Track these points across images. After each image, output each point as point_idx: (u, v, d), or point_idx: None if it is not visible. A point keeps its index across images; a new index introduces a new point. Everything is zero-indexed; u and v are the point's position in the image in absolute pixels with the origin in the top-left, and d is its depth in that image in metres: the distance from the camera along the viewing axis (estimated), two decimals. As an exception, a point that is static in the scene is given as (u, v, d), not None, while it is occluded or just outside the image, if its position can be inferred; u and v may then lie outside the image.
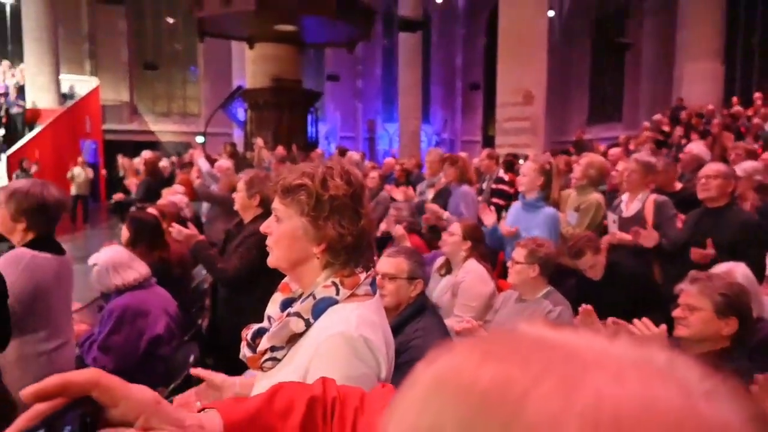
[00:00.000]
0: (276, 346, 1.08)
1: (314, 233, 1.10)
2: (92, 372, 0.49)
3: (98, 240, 10.51)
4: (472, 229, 3.03)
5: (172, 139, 22.80)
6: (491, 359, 0.29)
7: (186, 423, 0.55)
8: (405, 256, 1.99)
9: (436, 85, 27.15)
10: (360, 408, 0.72)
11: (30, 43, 15.20)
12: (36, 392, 0.45)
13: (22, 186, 1.98)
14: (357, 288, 1.10)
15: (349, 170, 1.13)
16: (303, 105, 11.29)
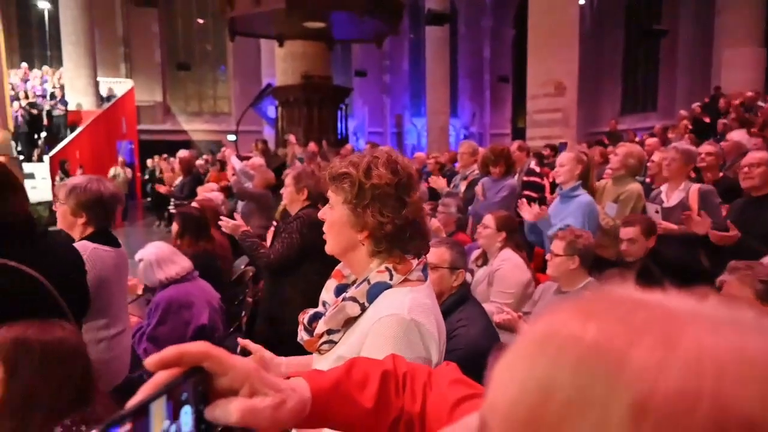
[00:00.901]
0: (332, 329, 1.13)
1: (355, 221, 1.13)
2: (203, 344, 0.53)
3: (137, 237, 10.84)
4: (505, 220, 3.03)
5: (204, 138, 23.28)
6: (594, 316, 0.31)
7: (281, 387, 0.59)
8: (447, 246, 2.02)
9: (464, 78, 26.94)
10: (428, 383, 0.75)
11: (68, 47, 15.72)
12: (157, 361, 0.50)
13: (80, 182, 2.09)
14: (410, 273, 1.13)
15: (396, 159, 1.15)
16: (333, 101, 11.38)
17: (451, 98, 22.39)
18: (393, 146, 18.04)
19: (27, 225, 1.70)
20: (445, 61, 20.33)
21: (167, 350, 0.50)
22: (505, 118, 27.65)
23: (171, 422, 0.45)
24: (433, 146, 18.63)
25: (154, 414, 0.43)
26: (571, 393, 0.29)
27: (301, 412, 0.62)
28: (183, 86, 24.52)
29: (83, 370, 1.23)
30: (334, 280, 1.26)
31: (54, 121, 13.38)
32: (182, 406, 0.47)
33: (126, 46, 22.51)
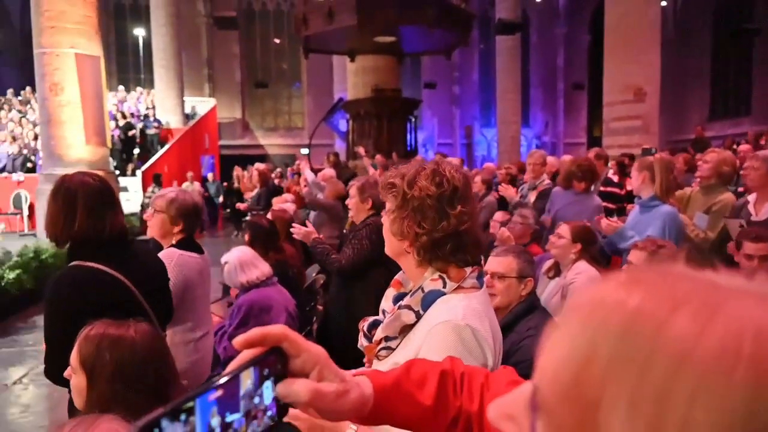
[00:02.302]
0: (390, 336, 1.16)
1: (396, 230, 1.18)
2: (282, 327, 0.58)
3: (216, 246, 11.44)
4: (582, 230, 2.91)
5: (279, 152, 24.26)
6: (639, 286, 0.32)
7: (346, 378, 0.63)
8: (514, 255, 1.99)
9: (536, 87, 26.32)
10: (486, 384, 0.75)
11: (159, 70, 17.00)
12: (244, 340, 0.55)
13: (178, 193, 2.28)
14: (463, 281, 1.15)
15: (443, 172, 1.16)
16: (402, 113, 11.49)
17: (523, 108, 21.92)
18: (463, 157, 17.88)
19: (121, 238, 1.83)
20: (516, 71, 19.97)
21: (252, 331, 0.56)
22: (580, 126, 26.67)
23: (255, 393, 0.51)
24: (503, 157, 18.29)
25: (242, 384, 0.49)
26: (613, 354, 0.30)
27: (363, 406, 0.64)
28: (260, 103, 25.75)
29: (157, 370, 1.28)
30: (392, 289, 1.30)
31: (146, 139, 14.47)
32: (264, 380, 0.53)
33: (210, 68, 24.00)
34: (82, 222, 1.69)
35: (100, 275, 1.69)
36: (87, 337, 1.27)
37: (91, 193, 1.71)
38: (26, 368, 4.55)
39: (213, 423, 0.45)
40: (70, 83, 8.33)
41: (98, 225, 1.70)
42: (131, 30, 23.13)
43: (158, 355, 1.32)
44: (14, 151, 12.06)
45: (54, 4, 8.16)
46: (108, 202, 1.76)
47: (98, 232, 1.70)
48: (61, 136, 8.46)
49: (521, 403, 0.37)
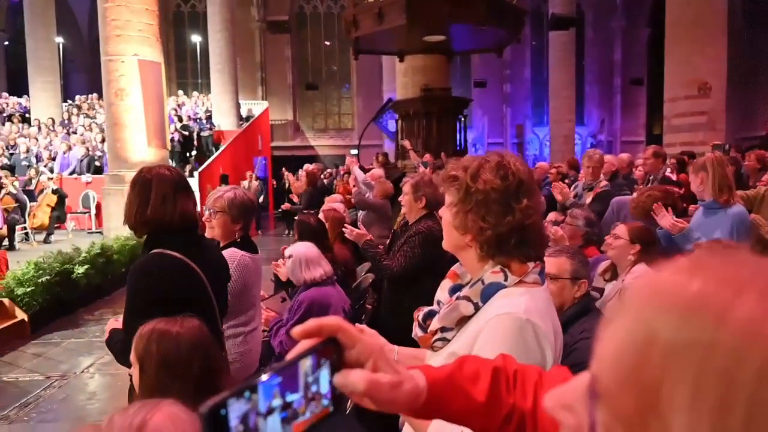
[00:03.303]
0: (446, 327, 1.14)
1: (459, 224, 1.14)
2: (338, 318, 0.60)
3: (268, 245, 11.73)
4: (640, 231, 2.79)
5: (329, 153, 24.63)
6: (700, 271, 0.32)
7: (400, 370, 0.63)
8: (567, 256, 1.92)
9: (592, 83, 25.47)
10: (540, 382, 0.74)
11: (215, 75, 17.62)
12: (302, 331, 0.58)
13: (236, 193, 2.32)
14: (525, 276, 1.11)
15: (508, 164, 1.13)
16: (452, 113, 11.39)
17: (577, 105, 21.28)
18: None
19: (192, 227, 1.90)
20: (570, 67, 19.42)
21: (309, 321, 0.58)
22: (639, 123, 25.60)
23: (312, 380, 0.53)
24: (556, 156, 17.83)
25: (301, 371, 0.52)
26: (675, 337, 0.30)
27: (417, 397, 0.65)
28: (311, 105, 26.23)
29: (203, 362, 1.34)
30: (448, 280, 1.27)
31: (203, 141, 15.03)
32: (321, 369, 0.55)
33: (263, 71, 24.67)
34: (155, 207, 1.76)
35: (180, 265, 1.76)
36: (140, 334, 1.37)
37: (164, 181, 1.79)
38: (93, 358, 4.82)
39: (274, 402, 0.48)
40: (133, 88, 8.78)
41: (170, 210, 1.77)
42: (189, 37, 24.10)
43: (204, 348, 1.37)
44: (83, 154, 12.82)
45: (119, 13, 8.62)
46: (181, 190, 1.82)
47: (170, 217, 1.77)
48: (125, 139, 8.93)
49: (579, 393, 0.37)
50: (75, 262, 6.34)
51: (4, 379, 4.43)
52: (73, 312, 6.22)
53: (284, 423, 0.49)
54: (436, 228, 2.88)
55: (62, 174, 12.11)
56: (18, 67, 19.06)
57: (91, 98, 17.51)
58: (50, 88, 17.43)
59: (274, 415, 0.48)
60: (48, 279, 5.79)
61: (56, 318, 5.92)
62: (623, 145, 23.44)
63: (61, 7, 19.39)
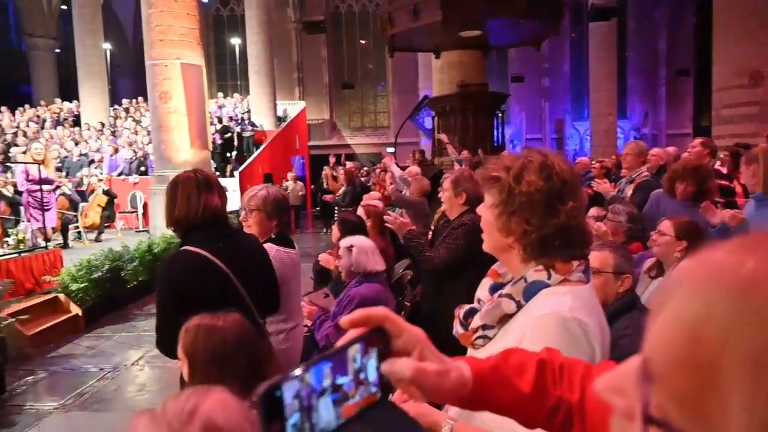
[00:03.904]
0: (487, 325, 1.13)
1: (501, 226, 1.12)
2: (384, 309, 0.62)
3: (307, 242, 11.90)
4: (687, 227, 2.69)
5: (365, 151, 24.75)
6: (754, 252, 0.32)
7: (445, 359, 0.65)
8: (610, 250, 1.89)
9: (634, 76, 24.67)
10: (587, 375, 0.73)
11: (253, 77, 17.97)
12: (350, 321, 0.59)
13: (270, 190, 2.40)
14: (569, 274, 1.09)
15: (552, 164, 1.10)
16: (489, 108, 11.26)
17: (619, 98, 20.66)
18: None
19: (219, 221, 2.01)
20: (611, 59, 18.86)
21: (357, 311, 0.60)
22: (686, 115, 24.63)
23: (360, 368, 0.55)
24: (597, 150, 17.38)
25: (350, 357, 0.54)
26: (732, 313, 0.30)
27: (463, 387, 0.65)
28: (347, 104, 26.42)
29: (247, 351, 1.40)
30: (489, 279, 1.26)
31: (243, 141, 15.37)
32: (368, 358, 0.57)
33: (299, 71, 25.00)
34: (181, 205, 1.94)
35: (201, 259, 1.88)
36: (186, 330, 1.42)
37: (189, 181, 1.97)
38: (142, 351, 5.02)
39: (325, 383, 0.50)
40: (176, 92, 9.06)
41: (194, 207, 1.93)
42: (228, 40, 24.65)
43: (248, 341, 1.42)
44: (130, 156, 13.31)
45: (162, 18, 8.90)
46: (205, 189, 1.97)
47: (195, 213, 1.93)
48: (169, 141, 9.22)
49: (630, 376, 0.37)
50: (124, 259, 6.61)
51: (61, 370, 4.67)
52: (123, 307, 6.49)
53: (335, 404, 0.51)
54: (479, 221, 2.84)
55: (111, 175, 12.62)
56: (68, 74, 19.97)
57: (136, 102, 18.15)
58: (98, 93, 18.18)
59: (325, 396, 0.50)
60: (100, 275, 6.06)
61: (108, 313, 6.19)
62: (669, 139, 22.62)
63: (107, 15, 20.17)
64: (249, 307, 1.94)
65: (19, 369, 4.59)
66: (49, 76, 22.76)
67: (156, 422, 0.79)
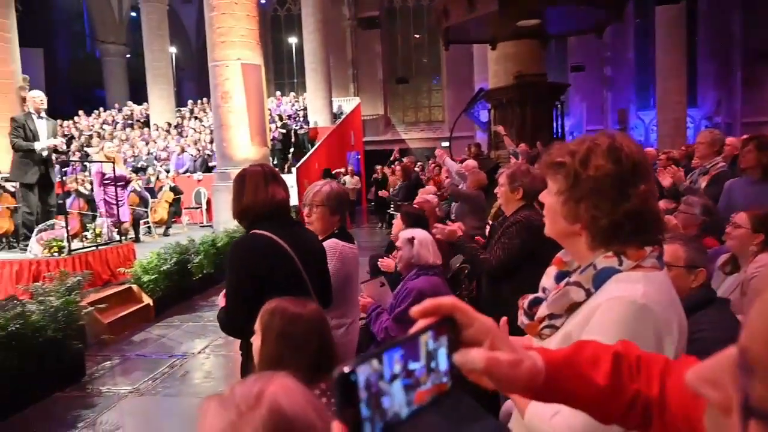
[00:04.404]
0: (555, 314, 1.10)
1: (568, 213, 1.07)
2: (454, 298, 0.61)
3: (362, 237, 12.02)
4: (764, 219, 2.52)
5: (419, 146, 24.67)
6: None
7: (517, 348, 0.63)
8: (682, 243, 1.79)
9: (706, 61, 23.22)
10: (666, 370, 0.69)
11: (309, 74, 18.30)
12: (420, 310, 0.59)
13: (332, 186, 2.45)
14: (642, 260, 1.04)
15: (621, 146, 1.04)
16: (547, 99, 10.94)
17: (689, 86, 19.51)
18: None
19: (284, 210, 2.10)
20: (680, 44, 17.85)
21: (427, 301, 0.59)
22: (764, 102, 22.91)
23: (431, 357, 0.55)
24: (665, 141, 16.52)
25: (422, 345, 0.54)
26: None
27: (535, 376, 0.64)
28: (401, 99, 26.42)
29: (319, 340, 1.45)
30: (554, 267, 1.22)
31: (299, 138, 15.71)
32: (439, 347, 0.56)
33: (354, 68, 25.23)
34: (249, 195, 2.03)
35: (270, 242, 1.97)
36: (266, 308, 1.49)
37: (255, 173, 2.07)
38: (208, 341, 5.25)
39: (397, 369, 0.51)
40: (237, 91, 9.37)
41: (262, 196, 2.02)
42: (285, 39, 25.23)
43: (321, 328, 1.48)
44: (195, 154, 13.92)
45: (224, 21, 9.23)
46: (271, 180, 2.07)
47: (263, 202, 2.02)
48: (230, 139, 9.56)
49: (725, 367, 0.35)
50: (190, 252, 6.93)
51: (134, 356, 4.97)
52: (190, 298, 6.81)
53: (407, 389, 0.51)
54: (534, 217, 2.79)
55: (178, 173, 13.25)
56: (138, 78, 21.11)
57: (201, 103, 18.94)
58: (165, 95, 19.11)
59: (398, 381, 0.50)
60: (168, 268, 6.38)
61: (176, 303, 6.52)
62: (744, 128, 21.13)
63: (172, 20, 21.13)
64: (310, 294, 1.99)
65: (97, 355, 4.91)
66: (120, 80, 24.16)
67: (225, 405, 0.82)
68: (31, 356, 3.93)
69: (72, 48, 26.53)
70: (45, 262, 5.68)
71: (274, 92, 19.54)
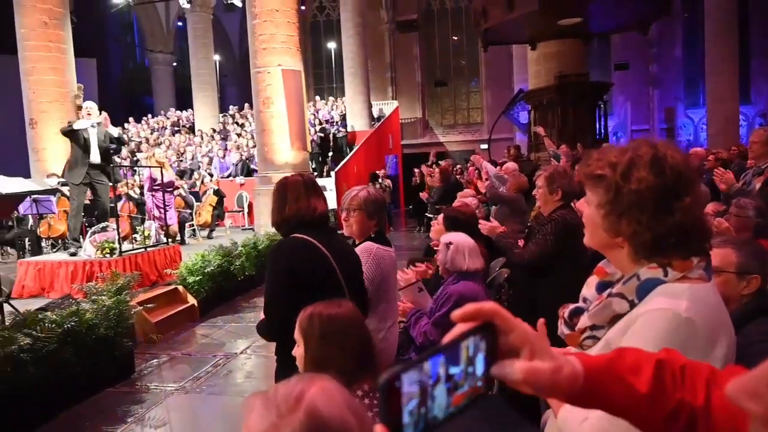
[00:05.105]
0: (597, 325, 1.08)
1: (609, 226, 1.04)
2: (494, 304, 0.62)
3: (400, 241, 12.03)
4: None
5: (458, 148, 24.50)
6: None
7: (556, 355, 0.63)
8: (734, 247, 1.71)
9: (761, 55, 22.11)
10: (712, 379, 0.67)
11: (348, 78, 18.48)
12: (461, 314, 0.60)
13: (368, 191, 2.49)
14: (689, 271, 1.00)
15: (664, 157, 1.00)
16: (590, 99, 10.68)
17: (741, 82, 18.61)
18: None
19: (324, 220, 2.17)
20: (731, 38, 17.05)
21: (468, 306, 0.60)
22: (825, 98, 21.67)
23: (470, 361, 0.56)
24: (716, 140, 15.81)
25: (462, 350, 0.55)
26: None
27: (575, 382, 0.63)
28: (439, 101, 26.31)
29: (359, 341, 1.48)
30: (595, 277, 1.19)
31: (338, 142, 15.89)
32: (477, 353, 0.57)
33: (392, 71, 25.30)
34: (291, 204, 2.10)
35: (309, 244, 2.04)
36: (303, 314, 1.52)
37: (297, 183, 2.15)
38: (249, 341, 5.37)
39: (440, 372, 0.52)
40: (278, 96, 9.57)
41: (304, 205, 2.09)
42: (325, 45, 25.56)
43: (359, 324, 1.52)
44: (237, 159, 14.29)
45: (265, 28, 9.44)
46: (311, 190, 2.14)
47: (305, 210, 2.09)
48: (271, 143, 9.77)
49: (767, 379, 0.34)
50: (233, 255, 7.11)
51: (180, 355, 5.13)
52: (232, 299, 6.98)
53: (448, 393, 0.53)
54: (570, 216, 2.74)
55: (221, 176, 13.62)
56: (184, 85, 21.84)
57: (243, 109, 19.42)
58: (209, 102, 19.69)
59: (440, 385, 0.52)
60: (212, 269, 6.57)
61: (219, 304, 6.70)
62: (804, 125, 20.02)
63: (216, 28, 21.76)
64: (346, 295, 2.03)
65: (146, 353, 5.10)
66: (167, 88, 25.04)
67: (267, 405, 0.84)
68: (84, 352, 4.12)
69: (123, 58, 27.70)
70: (98, 263, 5.95)
71: (314, 97, 19.82)
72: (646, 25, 10.68)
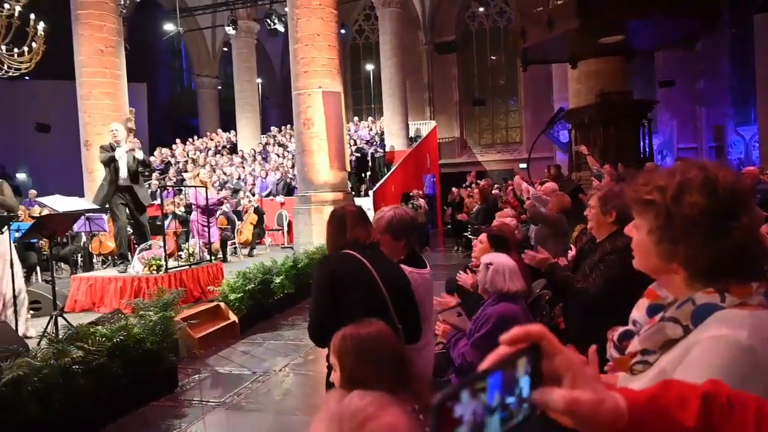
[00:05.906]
0: (648, 350, 1.03)
1: (662, 253, 1.00)
2: (541, 327, 0.61)
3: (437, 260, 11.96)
4: None
5: (496, 168, 24.30)
6: None
7: (599, 387, 0.62)
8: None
9: (816, 70, 21.13)
10: (763, 413, 0.65)
11: (387, 99, 18.73)
12: (510, 337, 0.60)
13: (395, 212, 2.51)
14: (749, 297, 0.95)
15: (715, 177, 0.96)
16: (633, 118, 10.44)
17: (797, 97, 17.81)
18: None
19: (375, 246, 2.30)
20: (785, 53, 16.42)
21: (516, 328, 0.61)
22: None
23: (516, 385, 0.56)
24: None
25: (518, 374, 0.56)
26: None
27: (618, 418, 0.62)
28: (477, 121, 26.25)
29: (392, 357, 1.48)
30: (646, 300, 1.15)
31: (376, 162, 16.04)
32: (522, 374, 0.57)
33: (430, 91, 25.47)
34: (350, 231, 2.26)
35: (353, 260, 2.16)
36: (336, 336, 1.55)
37: (353, 212, 2.33)
38: (288, 359, 5.42)
39: (495, 401, 0.52)
40: (318, 118, 9.78)
41: (363, 233, 2.26)
42: (363, 67, 26.02)
43: (392, 340, 1.53)
44: (278, 178, 14.60)
45: (307, 52, 9.71)
46: (365, 219, 2.33)
47: (362, 237, 2.24)
48: (311, 163, 9.95)
49: None
50: (273, 273, 7.22)
51: (221, 371, 5.22)
52: (272, 317, 7.08)
53: (502, 422, 0.52)
54: None
55: (262, 196, 13.94)
56: (227, 107, 22.60)
57: (284, 129, 19.92)
58: (251, 123, 20.30)
59: (495, 414, 0.52)
60: (252, 287, 6.69)
61: (259, 321, 6.80)
62: None
63: (259, 52, 22.52)
64: (391, 315, 2.04)
65: (189, 368, 5.22)
66: (212, 110, 25.96)
67: (338, 411, 0.83)
68: (131, 366, 4.25)
69: (172, 82, 28.96)
70: (145, 279, 6.16)
71: (353, 118, 20.14)
72: (692, 41, 10.43)
